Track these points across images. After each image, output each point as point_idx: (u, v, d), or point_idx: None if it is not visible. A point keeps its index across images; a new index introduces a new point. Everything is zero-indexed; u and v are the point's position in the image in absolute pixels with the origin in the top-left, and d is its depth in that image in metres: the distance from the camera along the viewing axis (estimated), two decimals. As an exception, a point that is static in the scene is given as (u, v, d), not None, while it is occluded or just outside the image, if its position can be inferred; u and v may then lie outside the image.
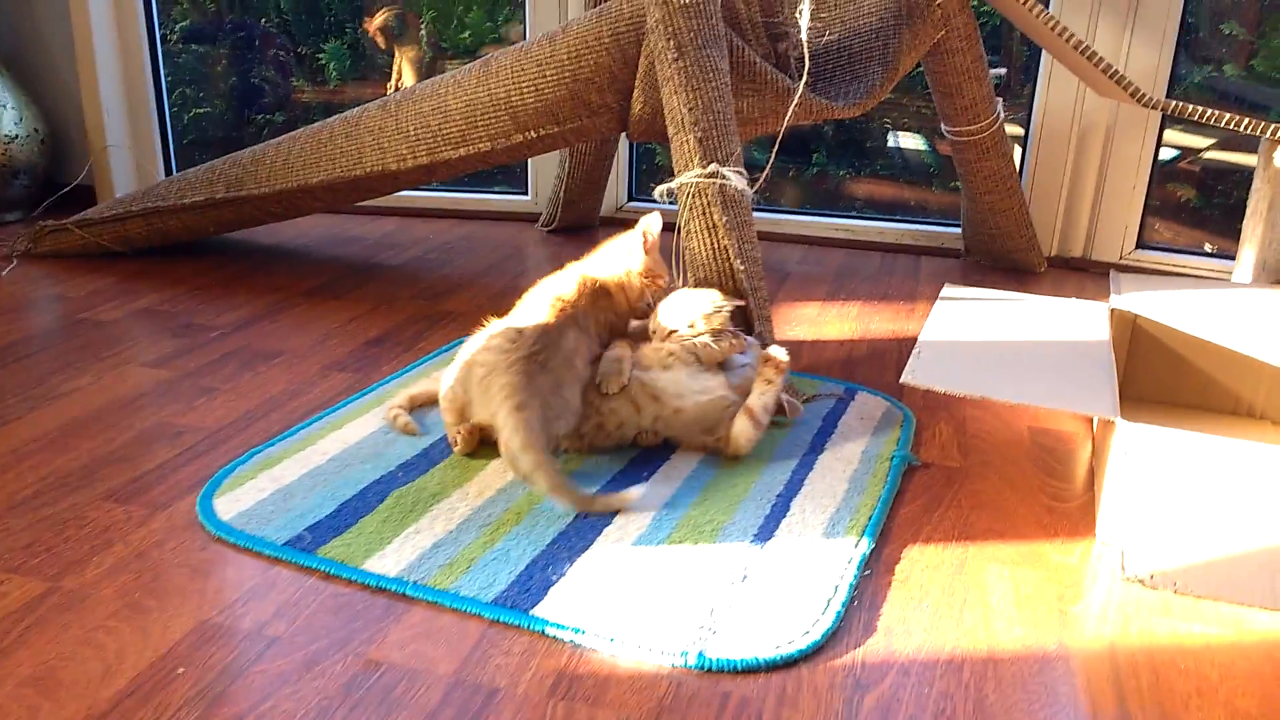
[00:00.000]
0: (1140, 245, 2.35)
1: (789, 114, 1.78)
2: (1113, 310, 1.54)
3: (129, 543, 1.12)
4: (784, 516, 1.20)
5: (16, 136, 2.42)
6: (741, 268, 1.53)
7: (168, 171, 2.65)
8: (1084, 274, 2.31)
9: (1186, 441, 1.09)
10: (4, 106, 2.41)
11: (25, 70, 2.57)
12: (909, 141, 2.63)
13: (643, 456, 1.35)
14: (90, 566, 1.08)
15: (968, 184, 2.19)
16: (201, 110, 2.77)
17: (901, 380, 1.25)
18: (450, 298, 2.02)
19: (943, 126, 2.13)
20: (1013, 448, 1.41)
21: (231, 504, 1.20)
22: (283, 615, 1.00)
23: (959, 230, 2.41)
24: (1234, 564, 1.03)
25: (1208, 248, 2.37)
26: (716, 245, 1.54)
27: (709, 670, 0.94)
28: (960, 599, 1.06)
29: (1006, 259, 2.30)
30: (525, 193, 2.65)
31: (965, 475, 1.33)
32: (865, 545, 1.14)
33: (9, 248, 2.21)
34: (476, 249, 2.37)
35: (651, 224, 1.43)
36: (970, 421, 1.49)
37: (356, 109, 1.96)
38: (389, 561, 1.09)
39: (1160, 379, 1.57)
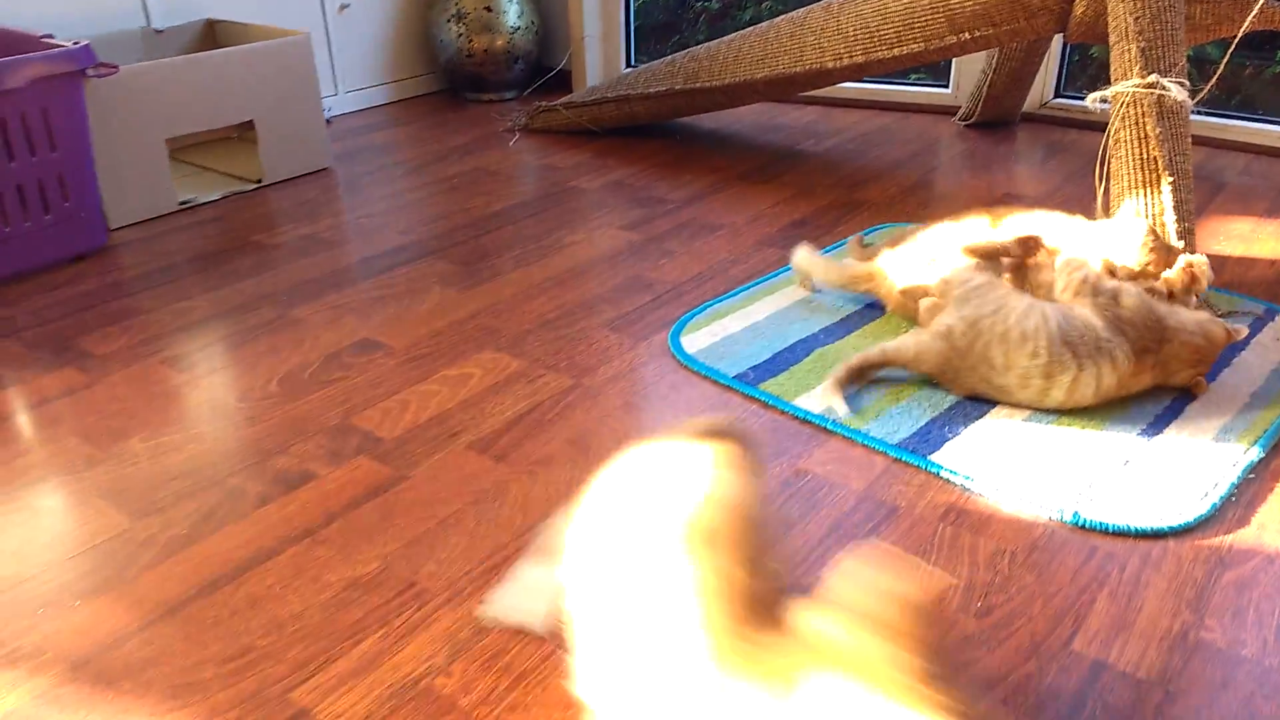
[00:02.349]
0: None
1: (1247, 21, 1.71)
2: None
3: (623, 360, 1.51)
4: (1175, 418, 1.31)
5: (518, 28, 2.95)
6: (1170, 180, 1.56)
7: (628, 60, 3.07)
8: None
9: None
10: (512, 2, 2.94)
11: (526, -29, 3.08)
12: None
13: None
14: (599, 373, 1.48)
15: None
16: None
17: (1325, 304, 1.27)
18: (866, 187, 2.22)
19: None
20: None
21: (692, 343, 1.55)
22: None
23: None
24: None
25: None
26: (1146, 156, 1.58)
27: (1082, 527, 1.12)
28: (1347, 514, 1.12)
29: None
30: (945, 85, 2.72)
31: (1385, 406, 1.32)
32: (1255, 453, 1.22)
33: (513, 121, 2.76)
34: (893, 140, 2.53)
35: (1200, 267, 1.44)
36: (1407, 356, 1.44)
37: (801, 10, 2.18)
38: (813, 402, 1.37)
39: None
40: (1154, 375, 1.32)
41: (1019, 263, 1.47)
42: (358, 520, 1.16)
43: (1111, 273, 1.43)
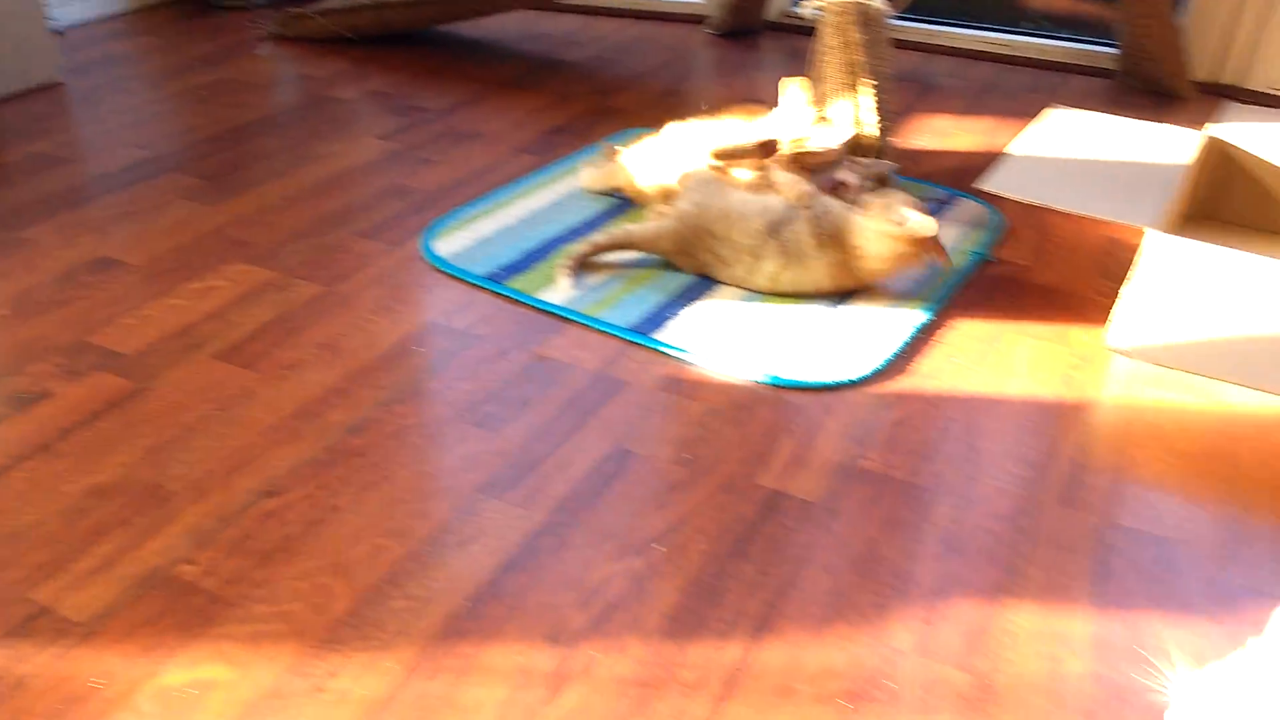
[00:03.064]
0: (1303, 74, 2.33)
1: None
2: (1208, 138, 1.67)
3: (378, 266, 1.56)
4: (860, 292, 1.50)
5: (265, -69, 2.81)
6: (871, 83, 1.75)
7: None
8: (1231, 101, 2.34)
9: (1204, 251, 1.30)
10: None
11: None
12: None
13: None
14: (353, 279, 1.52)
15: (1123, 2, 2.23)
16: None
17: (975, 185, 1.49)
18: (620, 94, 2.32)
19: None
20: (1080, 253, 1.63)
21: (446, 246, 1.61)
22: (483, 322, 1.42)
23: (1116, 50, 2.46)
24: (1204, 346, 1.26)
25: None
26: (850, 61, 1.76)
27: (777, 386, 1.30)
28: (986, 360, 1.35)
29: (1155, 83, 2.36)
30: (697, -5, 2.84)
31: (1030, 272, 1.58)
32: (923, 316, 1.44)
33: (265, 29, 2.65)
34: (648, 48, 2.63)
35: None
36: (1053, 229, 1.71)
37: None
38: (556, 295, 1.48)
39: (1247, 205, 1.71)
40: (851, 276, 1.49)
41: (758, 163, 1.62)
42: (97, 433, 1.18)
43: (813, 166, 1.61)
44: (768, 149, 1.63)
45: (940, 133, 2.13)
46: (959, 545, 1.05)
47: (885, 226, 1.42)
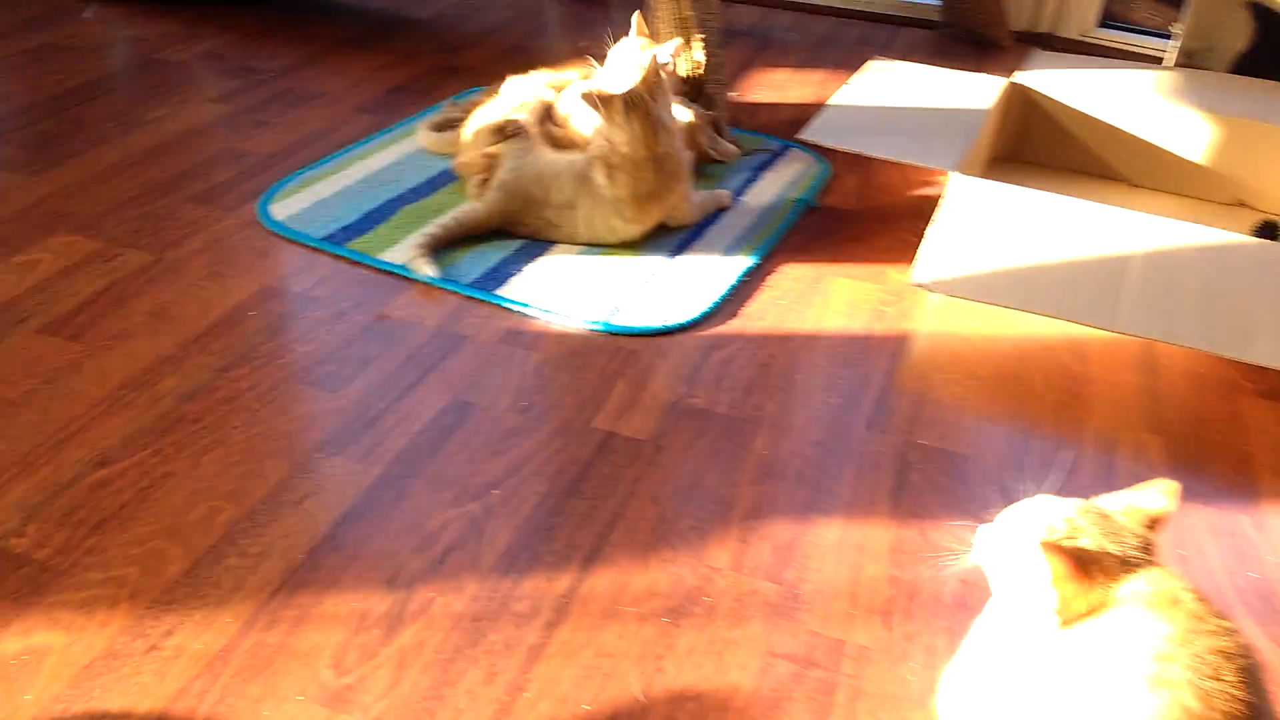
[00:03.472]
0: (1107, 24, 2.51)
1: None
2: (1011, 84, 1.80)
3: (210, 232, 1.54)
4: (696, 241, 1.57)
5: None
6: (700, 36, 1.80)
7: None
8: (1046, 49, 2.50)
9: (999, 191, 1.42)
10: None
11: None
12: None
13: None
14: (184, 247, 1.49)
15: (943, -42, 2.36)
16: None
17: (798, 136, 1.57)
18: (464, 52, 2.31)
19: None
20: (900, 197, 1.74)
21: (283, 210, 1.60)
22: (321, 284, 1.42)
23: (940, 3, 2.59)
24: (999, 277, 1.38)
25: (1173, 29, 2.53)
26: (681, 16, 1.81)
27: (612, 333, 1.35)
28: (807, 299, 1.44)
29: (977, 34, 2.50)
30: (543, -49, 2.83)
31: (852, 216, 1.68)
32: (750, 261, 1.52)
33: (86, -9, 2.52)
34: (493, 6, 2.62)
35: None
36: (876, 175, 1.81)
37: None
38: (397, 254, 1.49)
39: (1047, 146, 1.86)
40: (660, 212, 1.55)
41: (542, 128, 1.65)
42: (-87, 413, 1.14)
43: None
44: (540, 114, 1.66)
45: (777, 86, 2.21)
46: (775, 471, 1.13)
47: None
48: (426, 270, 1.43)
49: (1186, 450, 1.20)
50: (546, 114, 1.67)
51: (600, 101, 1.47)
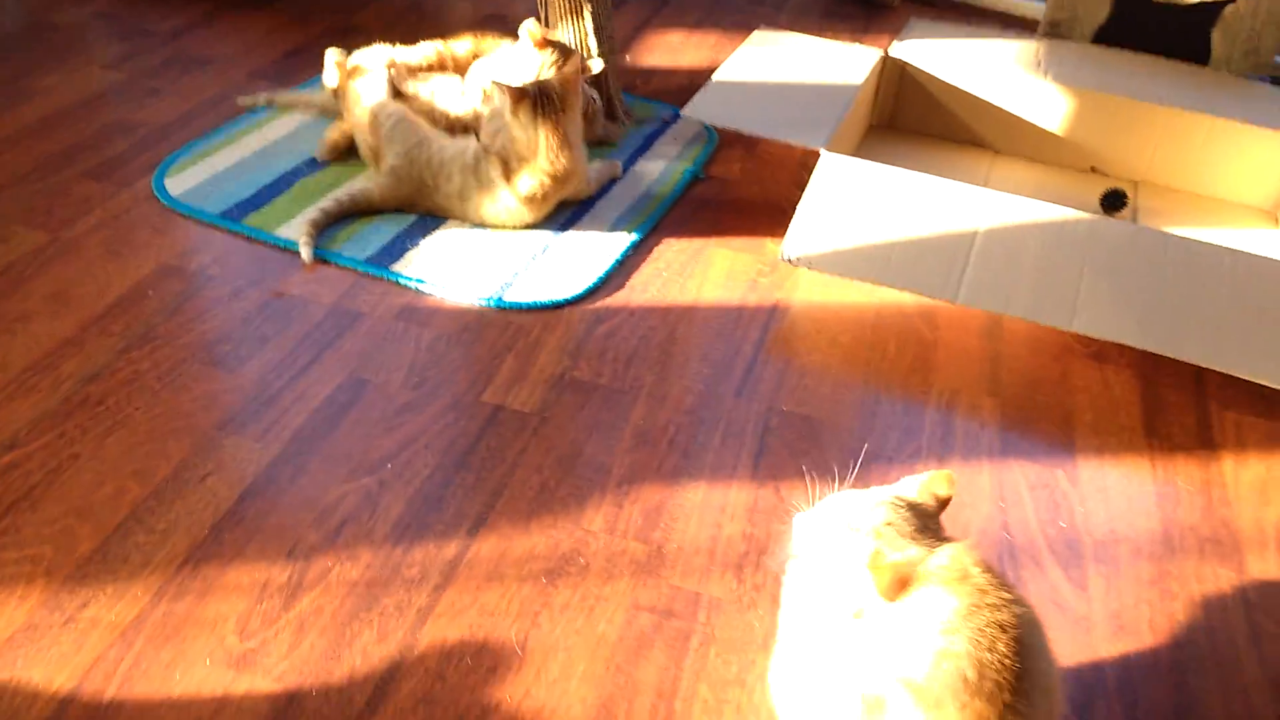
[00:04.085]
0: (990, -13, 2.63)
1: None
2: (886, 56, 1.90)
3: (105, 209, 1.56)
4: (585, 214, 1.65)
5: None
6: (590, 5, 1.86)
7: None
8: (932, 10, 2.61)
9: (866, 168, 1.53)
10: None
11: None
12: None
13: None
14: (79, 225, 1.52)
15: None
16: None
17: (680, 113, 1.65)
18: (362, 11, 2.31)
19: None
20: (781, 169, 1.84)
21: (179, 184, 1.62)
22: (218, 262, 1.47)
23: (833, -36, 2.66)
24: (861, 252, 1.49)
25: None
26: (572, -15, 1.85)
27: (503, 308, 1.44)
28: (689, 270, 1.54)
29: (866, -5, 2.59)
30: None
31: (735, 186, 1.77)
32: (637, 235, 1.61)
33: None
34: (392, -39, 2.60)
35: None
36: (761, 147, 1.91)
37: None
38: (293, 230, 1.54)
39: (919, 115, 1.97)
40: (557, 199, 1.62)
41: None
42: None
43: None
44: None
45: (672, 49, 2.27)
46: (649, 439, 1.24)
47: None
48: (304, 253, 1.48)
49: (1017, 410, 1.35)
50: (395, 90, 1.70)
51: (510, 96, 1.51)
